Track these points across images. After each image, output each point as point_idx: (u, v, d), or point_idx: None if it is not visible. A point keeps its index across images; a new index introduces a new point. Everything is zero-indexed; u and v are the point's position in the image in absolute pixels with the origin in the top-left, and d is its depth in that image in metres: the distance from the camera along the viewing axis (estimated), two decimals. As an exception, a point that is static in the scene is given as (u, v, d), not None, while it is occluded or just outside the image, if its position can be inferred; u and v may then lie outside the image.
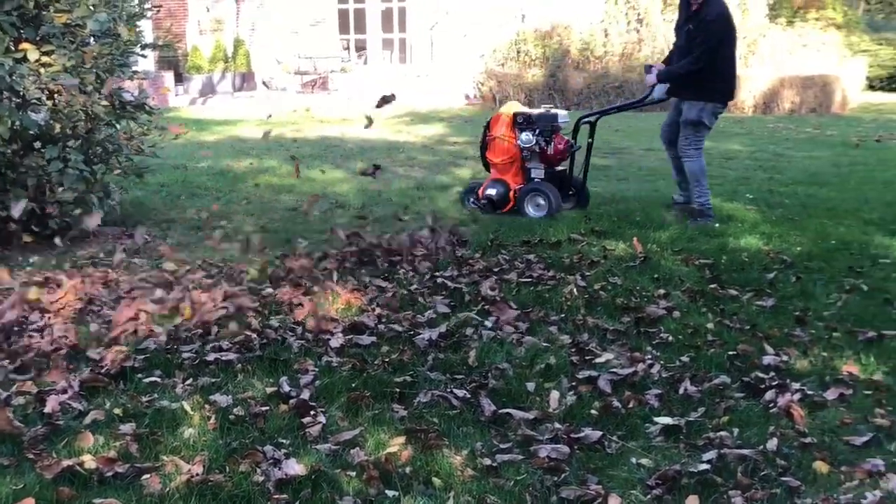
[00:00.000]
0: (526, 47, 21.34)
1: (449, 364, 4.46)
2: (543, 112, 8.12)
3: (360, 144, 13.23)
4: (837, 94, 21.45)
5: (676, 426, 3.81)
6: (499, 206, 8.01)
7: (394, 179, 10.03)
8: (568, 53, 21.12)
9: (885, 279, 6.12)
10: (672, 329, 5.05)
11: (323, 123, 16.19)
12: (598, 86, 20.52)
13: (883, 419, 3.88)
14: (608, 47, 21.35)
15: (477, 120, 17.20)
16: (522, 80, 20.95)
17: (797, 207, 8.56)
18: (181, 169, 10.40)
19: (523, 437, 3.69)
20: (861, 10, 35.75)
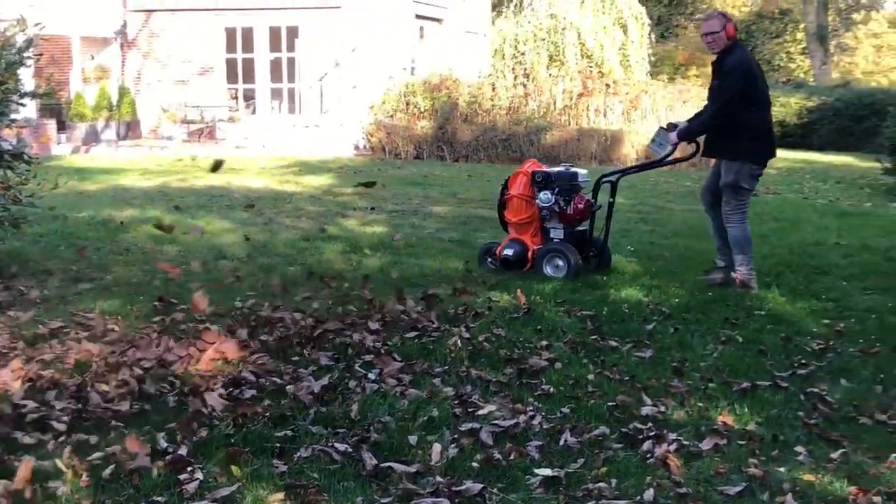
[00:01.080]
0: (415, 99, 21.52)
1: (331, 417, 4.43)
2: (563, 171, 7.93)
3: (247, 194, 13.13)
4: (716, 148, 22.08)
5: (556, 477, 3.83)
6: (516, 266, 7.83)
7: (280, 230, 9.97)
8: (456, 106, 21.35)
9: (759, 330, 6.30)
10: (553, 380, 5.10)
11: (209, 173, 16.01)
12: (486, 138, 20.78)
13: (756, 469, 3.96)
14: (496, 101, 21.66)
15: (366, 170, 17.24)
16: (412, 131, 21.11)
17: (676, 260, 8.77)
18: (60, 219, 10.17)
19: (404, 492, 3.67)
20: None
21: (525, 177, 7.93)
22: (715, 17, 7.54)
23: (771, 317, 6.69)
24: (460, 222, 11.08)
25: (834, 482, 3.85)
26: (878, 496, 3.68)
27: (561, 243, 7.82)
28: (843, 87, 33.33)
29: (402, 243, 9.24)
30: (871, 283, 7.95)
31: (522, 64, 22.65)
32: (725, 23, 7.31)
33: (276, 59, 23.51)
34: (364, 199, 12.91)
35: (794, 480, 3.86)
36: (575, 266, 7.62)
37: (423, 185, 15.10)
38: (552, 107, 21.77)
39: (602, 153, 20.67)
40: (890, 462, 4.07)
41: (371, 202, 12.54)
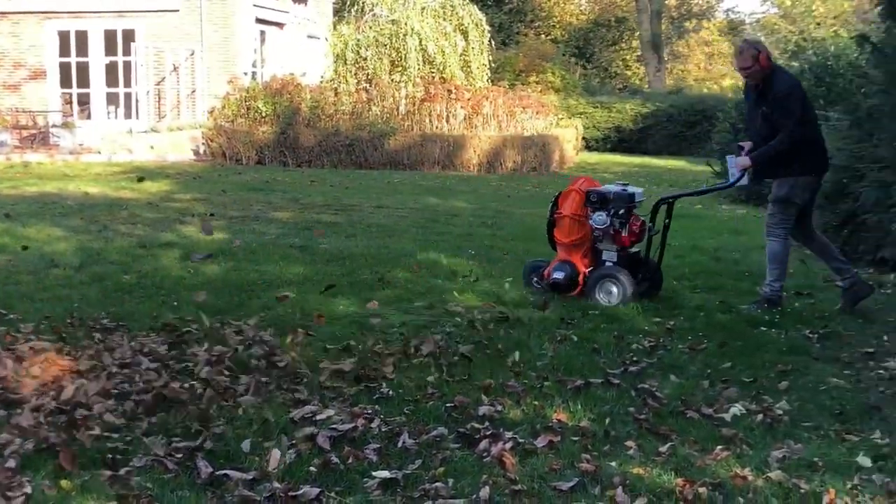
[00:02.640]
0: (256, 104, 21.27)
1: (165, 427, 4.35)
2: (620, 191, 7.52)
3: (80, 201, 12.75)
4: (556, 153, 22.58)
5: (394, 479, 3.86)
6: (566, 289, 7.42)
7: (115, 237, 9.72)
8: (299, 111, 21.21)
9: (593, 329, 6.48)
10: (393, 384, 5.12)
11: (42, 179, 15.53)
12: (329, 143, 20.72)
13: (588, 464, 4.06)
14: (339, 106, 21.61)
15: (206, 176, 16.97)
16: (253, 136, 20.87)
17: (516, 263, 8.91)
18: None
19: (240, 499, 3.63)
20: (578, 75, 37.93)
21: (578, 195, 7.53)
22: (746, 50, 7.28)
23: (605, 316, 6.88)
24: (303, 228, 11.00)
25: (662, 475, 3.98)
26: (703, 487, 3.82)
27: (615, 268, 7.42)
28: (676, 93, 34.56)
29: (241, 249, 9.12)
30: (701, 282, 8.26)
31: (365, 69, 22.67)
32: (757, 54, 7.15)
33: (112, 63, 22.93)
34: (203, 205, 12.71)
35: (625, 474, 3.97)
36: (628, 293, 7.25)
37: (265, 191, 14.95)
38: (395, 112, 21.85)
39: (445, 158, 20.87)
40: (715, 454, 4.23)
41: (211, 208, 12.35)
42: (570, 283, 7.40)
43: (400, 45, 22.94)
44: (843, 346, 6.40)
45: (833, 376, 5.65)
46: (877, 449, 4.36)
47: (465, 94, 22.54)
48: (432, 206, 13.58)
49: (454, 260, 8.93)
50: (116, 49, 22.78)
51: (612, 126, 31.20)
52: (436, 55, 23.33)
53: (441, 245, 9.91)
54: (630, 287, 7.25)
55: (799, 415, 4.90)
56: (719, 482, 3.92)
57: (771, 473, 3.99)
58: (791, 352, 6.18)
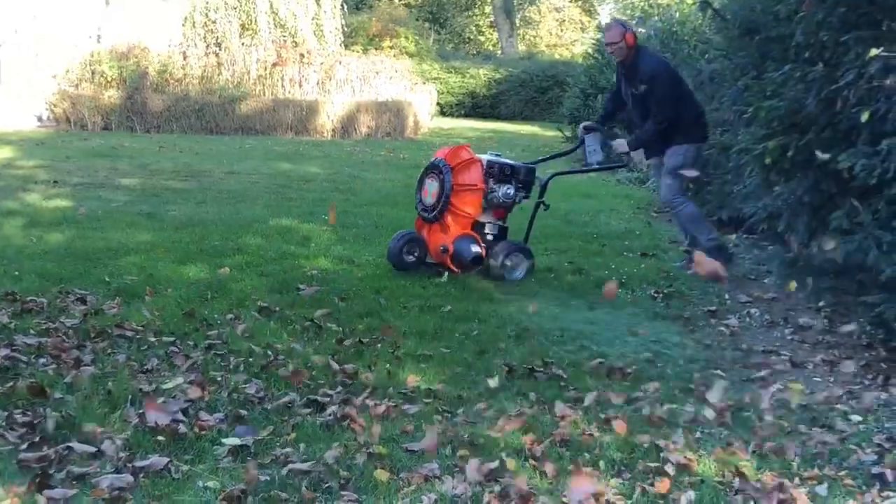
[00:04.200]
0: (101, 68, 20.60)
1: (6, 399, 4.20)
2: (522, 164, 7.41)
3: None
4: (410, 119, 22.56)
5: (245, 446, 3.83)
6: (478, 264, 7.09)
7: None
8: (146, 75, 20.62)
9: (444, 295, 6.53)
10: (244, 350, 5.07)
11: None
12: (178, 108, 20.24)
13: (440, 426, 4.11)
14: (187, 70, 21.11)
15: (50, 142, 16.42)
16: (99, 101, 20.22)
17: (370, 227, 8.91)
18: None
19: (83, 472, 3.54)
20: (432, 40, 37.93)
21: (478, 165, 7.19)
22: (614, 26, 7.55)
23: (460, 284, 6.94)
24: (151, 194, 10.75)
25: (511, 434, 4.06)
26: (551, 444, 3.93)
27: (517, 242, 7.32)
28: (528, 59, 34.89)
29: (86, 217, 8.86)
30: (551, 245, 8.42)
31: (214, 32, 22.15)
32: (624, 32, 7.38)
33: (-54, 24, 21.90)
34: (47, 172, 12.29)
35: (475, 435, 4.04)
36: (532, 263, 7.21)
37: (112, 157, 14.53)
38: (247, 76, 21.46)
39: (298, 123, 20.64)
40: (562, 413, 4.33)
41: (54, 175, 11.94)
42: (482, 258, 7.13)
43: (250, 9, 22.49)
44: (686, 305, 6.62)
45: (676, 334, 5.85)
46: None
47: (317, 58, 22.30)
48: (285, 172, 13.43)
49: (307, 226, 8.87)
50: (-49, 10, 21.78)
51: (465, 91, 31.34)
52: (287, 19, 22.98)
53: (294, 211, 9.83)
54: (532, 259, 7.23)
55: (644, 372, 5.07)
56: (566, 439, 4.02)
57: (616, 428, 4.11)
58: (639, 311, 6.38)
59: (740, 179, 7.13)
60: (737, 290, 7.04)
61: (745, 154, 6.06)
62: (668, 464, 3.76)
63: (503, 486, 3.53)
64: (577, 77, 19.71)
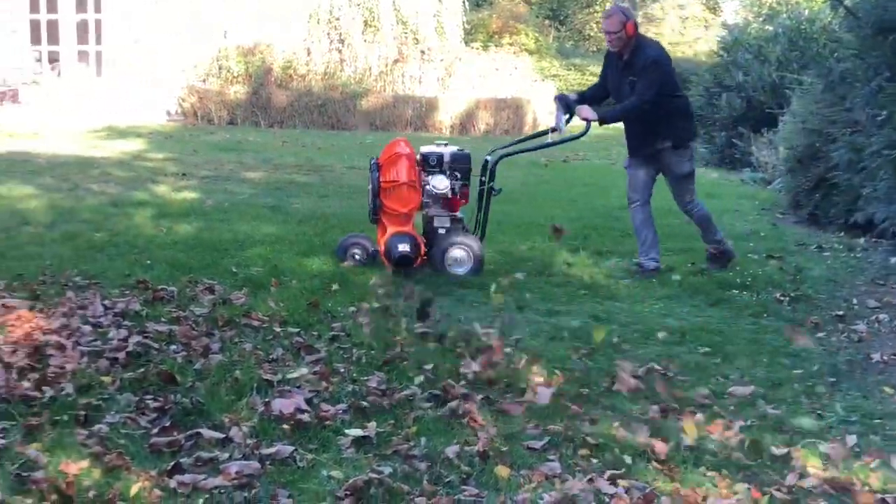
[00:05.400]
0: (228, 64, 21.11)
1: (138, 384, 4.34)
2: (457, 152, 7.07)
3: (51, 160, 12.63)
4: (529, 116, 22.53)
5: (367, 437, 3.88)
6: (411, 262, 6.79)
7: (87, 196, 9.66)
8: (271, 71, 21.06)
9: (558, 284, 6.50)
10: (365, 343, 5.13)
11: (12, 138, 15.36)
12: (301, 104, 20.61)
13: (559, 425, 4.10)
14: (311, 66, 21.47)
15: (178, 136, 16.87)
16: (225, 96, 20.72)
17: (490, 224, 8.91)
18: None
19: (213, 457, 3.64)
20: (552, 37, 37.79)
21: (411, 160, 6.93)
22: (614, 14, 7.10)
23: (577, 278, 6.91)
24: (275, 188, 10.98)
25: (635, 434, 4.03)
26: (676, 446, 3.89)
27: (461, 234, 7.02)
28: (650, 57, 34.42)
29: (213, 209, 9.09)
30: (672, 245, 8.30)
31: (338, 29, 22.46)
32: (625, 21, 6.97)
33: (83, 21, 22.64)
34: (175, 164, 12.64)
35: (597, 434, 4.02)
36: (478, 260, 6.93)
37: (237, 151, 14.87)
38: (368, 73, 21.74)
39: (418, 120, 20.82)
40: (687, 416, 4.28)
41: (182, 168, 12.28)
42: (416, 255, 6.84)
43: (373, 6, 22.74)
44: (812, 310, 6.47)
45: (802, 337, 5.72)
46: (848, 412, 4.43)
47: (438, 55, 22.44)
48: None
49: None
50: (87, 6, 22.49)
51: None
52: (409, 16, 23.15)
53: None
54: (479, 253, 6.94)
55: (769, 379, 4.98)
56: (691, 443, 3.96)
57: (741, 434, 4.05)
58: (763, 314, 6.26)
59: (871, 182, 6.94)
60: (865, 296, 6.85)
61: (877, 157, 5.89)
62: (793, 472, 3.69)
63: (625, 487, 3.51)
64: (702, 75, 19.38)
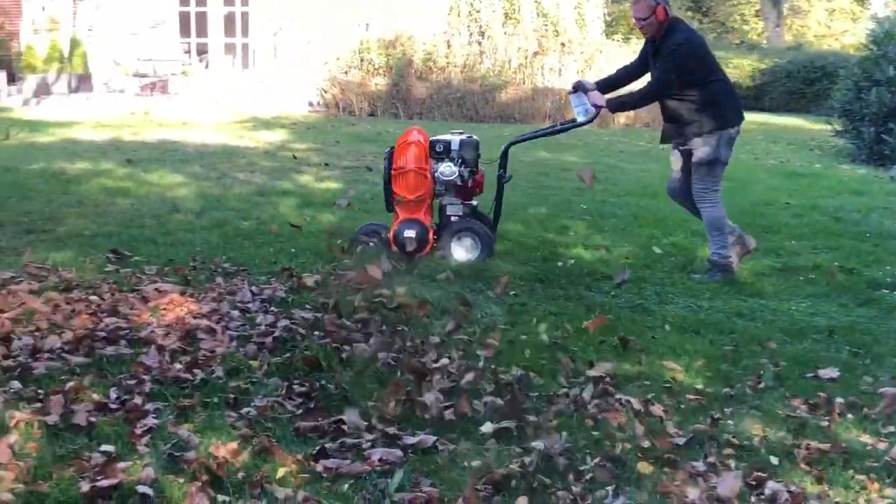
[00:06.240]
0: (370, 56, 21.38)
1: (284, 369, 4.45)
2: (466, 139, 7.03)
3: (200, 149, 13.02)
4: (670, 109, 22.16)
5: (507, 429, 3.89)
6: (417, 248, 6.86)
7: (234, 184, 9.93)
8: (411, 63, 21.25)
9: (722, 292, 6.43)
10: (504, 337, 5.15)
11: (162, 127, 15.89)
12: (440, 96, 20.73)
13: (703, 423, 4.06)
14: (451, 58, 21.58)
15: (320, 127, 17.19)
16: (366, 88, 20.99)
17: (628, 218, 8.85)
18: (12, 171, 10.05)
19: (356, 442, 3.71)
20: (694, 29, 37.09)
21: (420, 147, 6.94)
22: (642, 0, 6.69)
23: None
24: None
25: (781, 433, 3.96)
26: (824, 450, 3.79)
27: (469, 221, 7.03)
28: (796, 49, 33.58)
29: (355, 199, 9.24)
30: (820, 243, 8.09)
31: (478, 22, 22.52)
32: (655, 6, 6.61)
33: (230, 13, 23.24)
34: (318, 155, 12.88)
35: (742, 434, 3.96)
36: (487, 247, 6.91)
37: (378, 142, 15.04)
38: (507, 65, 21.74)
39: (556, 112, 20.69)
40: (834, 417, 4.17)
41: (325, 158, 12.51)
42: (422, 242, 6.88)
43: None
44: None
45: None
46: None
47: (578, 47, 22.29)
48: (543, 160, 13.51)
49: (565, 214, 8.91)
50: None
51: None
52: (550, 8, 23.05)
53: (552, 199, 9.89)
54: (488, 239, 6.93)
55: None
56: (842, 447, 3.86)
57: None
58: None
59: None
60: None
61: None
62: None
63: (771, 488, 3.45)
64: (850, 69, 18.80)
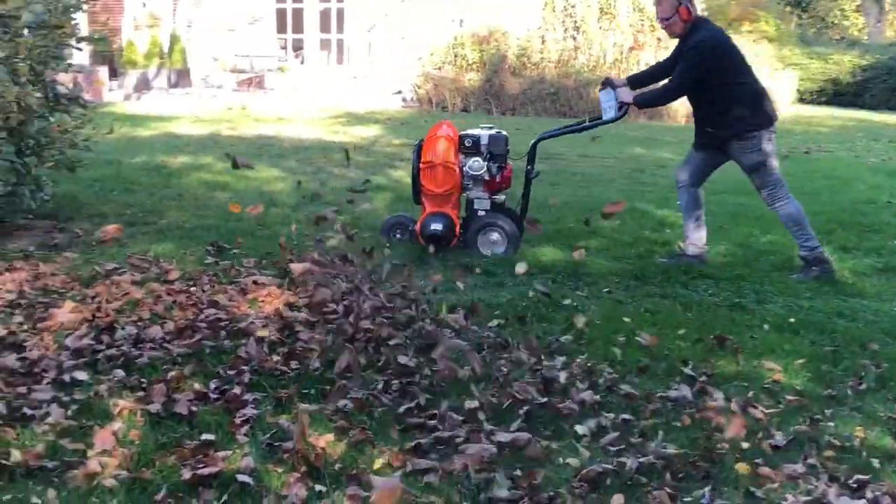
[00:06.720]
0: (463, 51, 21.43)
1: (379, 363, 4.48)
2: (496, 134, 7.14)
3: (295, 144, 13.19)
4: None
5: (603, 427, 3.87)
6: (444, 241, 6.91)
7: (329, 179, 10.03)
8: (505, 59, 21.25)
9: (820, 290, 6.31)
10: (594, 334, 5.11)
11: (259, 122, 16.13)
12: (533, 92, 20.69)
13: (803, 424, 3.98)
14: (545, 54, 21.53)
15: (413, 122, 17.27)
16: (459, 83, 21.04)
17: (725, 216, 8.72)
18: (114, 164, 10.29)
19: (451, 436, 3.71)
20: (793, 25, 36.44)
21: (448, 142, 6.99)
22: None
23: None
24: (507, 175, 11.07)
25: (884, 437, 3.90)
26: None
27: (496, 215, 7.05)
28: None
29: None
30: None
31: (573, 17, 22.41)
32: (678, 6, 6.47)
33: (326, 10, 23.49)
34: (411, 150, 12.92)
35: (841, 436, 3.88)
36: (513, 241, 6.96)
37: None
38: (602, 60, 21.60)
39: (651, 108, 20.50)
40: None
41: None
42: (449, 235, 6.91)
43: (610, -7, 22.61)
44: None
45: None
46: None
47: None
48: (638, 156, 13.42)
49: (662, 211, 8.81)
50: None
51: (828, 78, 29.75)
52: (646, 3, 22.84)
53: (648, 196, 9.80)
54: (514, 234, 6.96)
55: None
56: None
57: None
58: None
59: None
60: None
61: None
62: None
63: (873, 491, 3.38)
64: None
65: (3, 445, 3.44)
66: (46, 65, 7.04)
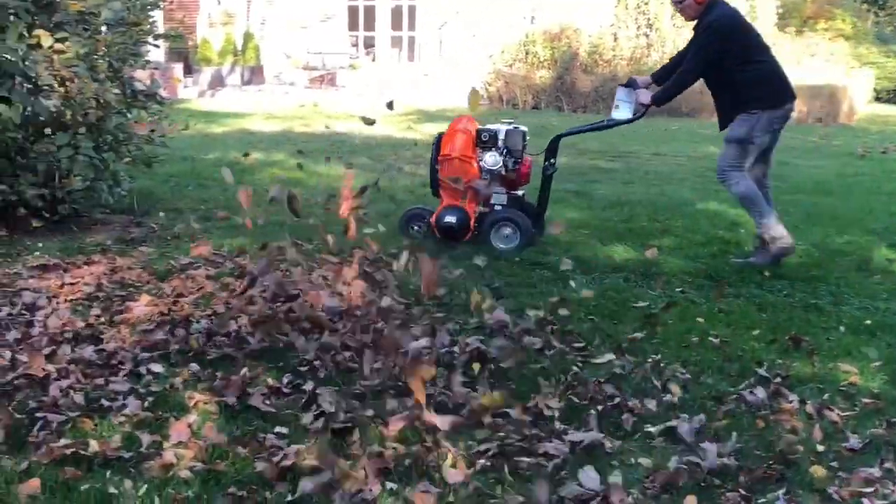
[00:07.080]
0: (534, 49, 21.38)
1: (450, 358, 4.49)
2: (512, 129, 7.13)
3: (367, 141, 13.26)
4: (844, 104, 21.46)
5: (673, 428, 3.83)
6: (459, 235, 6.94)
7: (399, 176, 10.07)
8: (576, 56, 21.15)
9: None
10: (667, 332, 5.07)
11: (330, 119, 16.23)
12: (605, 89, 20.55)
13: (879, 428, 3.91)
14: (617, 51, 21.40)
15: (484, 120, 17.23)
16: (530, 81, 20.99)
17: (801, 216, 8.59)
18: (189, 160, 10.43)
19: (522, 436, 3.70)
20: (870, 23, 35.77)
21: (466, 135, 7.01)
22: None
23: None
24: (578, 173, 11.03)
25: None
26: None
27: (511, 210, 7.04)
28: None
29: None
30: None
31: (646, 14, 22.24)
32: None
33: (397, 7, 23.58)
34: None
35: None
36: (527, 236, 6.90)
37: (541, 136, 14.93)
38: (676, 58, 21.41)
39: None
40: None
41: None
42: (463, 228, 6.93)
43: (683, -10, 22.39)
44: None
45: None
46: None
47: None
48: (711, 155, 13.20)
49: (736, 211, 8.69)
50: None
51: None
52: (721, 0, 22.63)
53: (721, 195, 9.65)
54: (529, 229, 6.91)
55: None
56: None
57: None
58: None
59: None
60: None
61: None
62: None
63: (954, 500, 3.30)
64: None
65: (81, 436, 3.50)
66: (124, 62, 7.16)
